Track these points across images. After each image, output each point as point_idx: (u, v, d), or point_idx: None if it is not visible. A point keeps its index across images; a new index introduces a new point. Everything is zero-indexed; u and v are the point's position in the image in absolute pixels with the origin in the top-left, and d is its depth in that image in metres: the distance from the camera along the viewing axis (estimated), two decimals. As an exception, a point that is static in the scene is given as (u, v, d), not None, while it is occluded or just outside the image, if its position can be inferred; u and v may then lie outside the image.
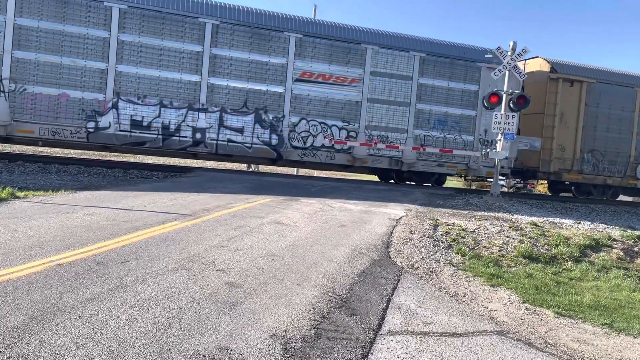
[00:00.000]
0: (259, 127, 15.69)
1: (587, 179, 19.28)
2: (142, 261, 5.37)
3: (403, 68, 16.89)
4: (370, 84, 16.59)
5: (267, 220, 8.31)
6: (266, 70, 15.65)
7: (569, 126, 18.75)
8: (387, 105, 16.85)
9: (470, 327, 4.86)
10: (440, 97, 17.31)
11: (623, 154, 19.52)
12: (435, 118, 17.32)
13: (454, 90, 17.38)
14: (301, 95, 16.00)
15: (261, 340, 3.78)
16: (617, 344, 5.10)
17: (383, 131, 16.82)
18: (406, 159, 17.05)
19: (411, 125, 17.03)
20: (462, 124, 17.54)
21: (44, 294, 4.20)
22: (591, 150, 19.19)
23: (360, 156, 16.63)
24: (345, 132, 16.47)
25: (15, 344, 3.31)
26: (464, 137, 17.54)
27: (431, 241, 8.20)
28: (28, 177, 11.42)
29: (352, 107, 16.53)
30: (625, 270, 8.34)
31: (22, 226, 6.47)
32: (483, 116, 17.48)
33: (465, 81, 17.46)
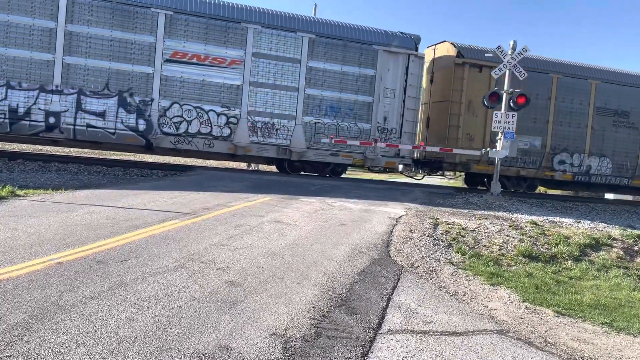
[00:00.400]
0: (124, 111, 14.49)
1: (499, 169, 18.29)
2: (142, 260, 5.37)
3: (290, 50, 15.74)
4: (252, 66, 15.47)
5: (267, 219, 8.31)
6: (131, 49, 14.45)
7: (477, 115, 17.70)
8: (273, 90, 15.77)
9: (470, 326, 4.87)
10: (332, 82, 16.24)
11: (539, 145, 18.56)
12: (327, 104, 16.30)
13: (348, 74, 16.35)
14: (173, 77, 14.85)
15: (261, 339, 3.79)
16: (616, 343, 5.10)
17: (268, 117, 15.77)
18: (295, 148, 15.94)
19: (300, 111, 15.97)
20: (358, 111, 16.56)
21: (44, 292, 4.20)
22: None
23: (242, 144, 15.52)
24: (224, 117, 15.40)
25: (15, 342, 3.31)
26: (360, 124, 16.56)
27: (431, 240, 8.20)
28: (28, 176, 11.41)
29: (232, 91, 15.40)
30: (625, 270, 8.34)
31: (22, 225, 6.47)
32: (381, 103, 16.63)
33: (361, 65, 16.42)
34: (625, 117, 19.20)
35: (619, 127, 19.17)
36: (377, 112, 16.69)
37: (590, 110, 18.83)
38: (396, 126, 16.92)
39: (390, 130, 16.80)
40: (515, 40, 14.55)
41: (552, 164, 18.56)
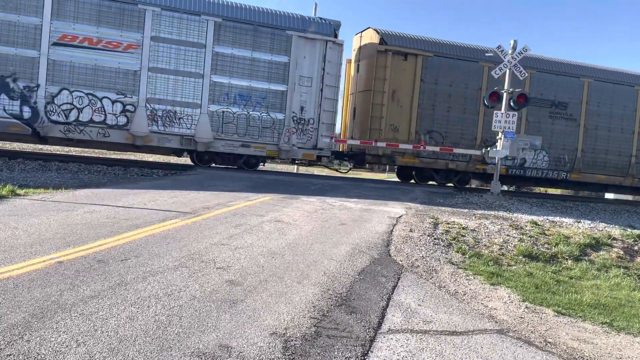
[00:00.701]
0: (7, 97, 13.61)
1: (425, 162, 17.51)
2: (142, 259, 5.38)
3: (194, 34, 14.90)
4: (152, 51, 14.58)
5: (267, 219, 8.31)
6: (14, 30, 13.57)
7: (402, 105, 17.00)
8: (175, 77, 14.88)
9: (470, 326, 4.87)
10: (242, 68, 15.40)
11: (468, 136, 17.85)
12: (236, 92, 15.45)
13: (259, 61, 15.50)
14: (62, 62, 13.98)
15: (261, 338, 3.79)
16: (616, 342, 5.10)
17: (170, 105, 14.89)
18: (201, 138, 15.12)
19: (206, 99, 15.11)
20: (270, 100, 15.74)
21: (44, 291, 4.20)
22: (429, 132, 17.40)
23: (141, 133, 14.61)
24: (120, 105, 14.51)
25: (15, 341, 3.31)
26: (273, 114, 15.77)
27: (431, 240, 8.20)
28: (28, 175, 11.42)
29: (128, 77, 14.49)
30: (625, 269, 8.34)
31: (23, 224, 6.47)
32: (297, 92, 15.84)
33: (273, 52, 15.57)
34: (563, 108, 18.56)
35: (556, 118, 18.48)
36: (292, 102, 15.88)
37: None
38: (314, 116, 16.14)
39: (308, 120, 16.02)
40: (516, 39, 14.53)
41: (484, 156, 17.50)
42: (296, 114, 15.97)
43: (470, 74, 17.64)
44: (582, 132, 18.80)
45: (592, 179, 19.14)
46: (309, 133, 16.13)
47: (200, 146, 15.34)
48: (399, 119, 17.11)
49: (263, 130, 15.89)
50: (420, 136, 17.28)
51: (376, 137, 16.80)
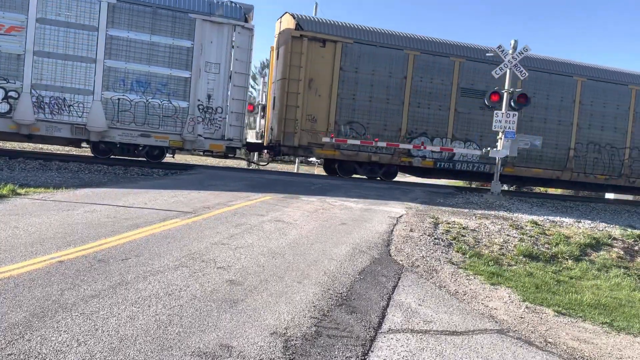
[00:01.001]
0: None
1: (346, 155, 16.66)
2: (143, 258, 5.38)
3: (85, 16, 13.86)
4: (38, 33, 13.54)
5: (267, 218, 8.32)
6: None
7: (321, 94, 16.14)
8: (64, 61, 13.84)
9: (470, 326, 4.87)
10: (140, 53, 14.41)
11: (392, 127, 16.96)
12: (133, 78, 14.44)
13: (158, 45, 14.50)
14: None
15: (262, 337, 3.79)
16: (617, 342, 5.10)
17: (58, 92, 13.83)
18: (94, 127, 14.07)
19: (99, 86, 14.06)
20: (172, 87, 14.72)
21: (45, 291, 4.21)
22: (350, 122, 16.57)
23: (26, 122, 13.57)
24: (2, 91, 13.48)
25: (16, 340, 3.31)
26: (176, 102, 14.74)
27: (431, 239, 8.20)
28: (29, 174, 11.42)
29: (11, 61, 13.45)
30: (625, 269, 8.35)
31: (23, 223, 6.48)
32: (203, 79, 14.89)
33: (175, 36, 14.59)
34: None
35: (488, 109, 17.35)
36: (197, 89, 14.89)
37: (454, 91, 17.37)
38: (222, 105, 15.26)
39: (216, 109, 15.14)
40: (516, 39, 14.52)
41: (410, 149, 17.28)
42: (202, 102, 15.05)
43: (394, 62, 16.79)
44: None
45: (528, 173, 18.47)
46: (217, 123, 15.24)
47: (94, 135, 14.33)
48: (317, 109, 16.25)
49: (164, 119, 14.83)
50: (339, 127, 16.40)
51: (292, 127, 15.98)
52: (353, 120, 16.71)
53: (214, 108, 15.20)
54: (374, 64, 16.75)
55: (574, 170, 18.72)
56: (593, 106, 18.93)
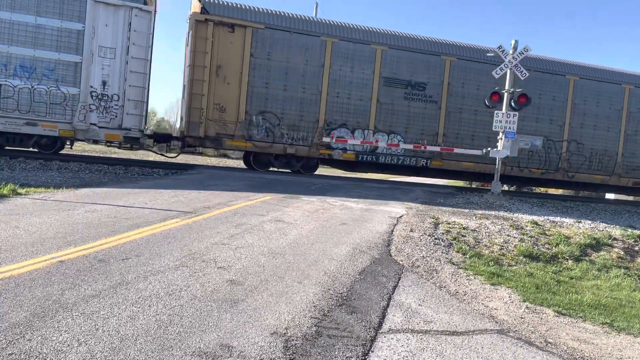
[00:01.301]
0: None
1: (259, 147, 15.91)
2: (143, 258, 5.38)
3: None
4: None
5: (268, 218, 8.32)
6: None
7: (230, 82, 15.40)
8: None
9: (470, 326, 4.87)
10: (23, 36, 13.58)
11: (309, 118, 16.22)
12: (17, 63, 13.60)
13: (45, 27, 13.62)
14: None
15: (262, 337, 3.79)
16: (617, 343, 5.11)
17: None
18: None
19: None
20: (61, 72, 13.85)
21: (45, 290, 4.21)
22: (262, 112, 15.83)
23: None
24: None
25: (17, 340, 3.32)
26: (65, 88, 13.82)
27: (432, 240, 8.21)
28: (29, 174, 11.43)
29: None
30: (625, 270, 8.35)
31: (24, 223, 6.48)
32: (97, 64, 14.04)
33: (64, 17, 13.70)
34: (421, 89, 17.11)
35: (413, 100, 17.04)
36: (89, 75, 14.02)
37: (376, 81, 16.60)
38: (119, 92, 14.44)
39: (112, 97, 14.26)
40: (517, 40, 14.52)
41: (325, 139, 16.37)
42: (96, 89, 14.16)
43: (310, 49, 16.02)
44: (444, 115, 17.38)
45: (457, 167, 17.74)
46: (113, 111, 14.35)
47: None
48: (226, 98, 15.49)
49: (53, 107, 13.93)
50: (251, 117, 15.68)
51: (197, 117, 15.22)
52: (266, 110, 15.91)
53: (109, 95, 14.32)
54: (288, 51, 15.94)
55: (507, 164, 17.82)
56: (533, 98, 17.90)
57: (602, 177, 19.15)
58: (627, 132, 19.34)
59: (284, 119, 16.10)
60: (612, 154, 19.28)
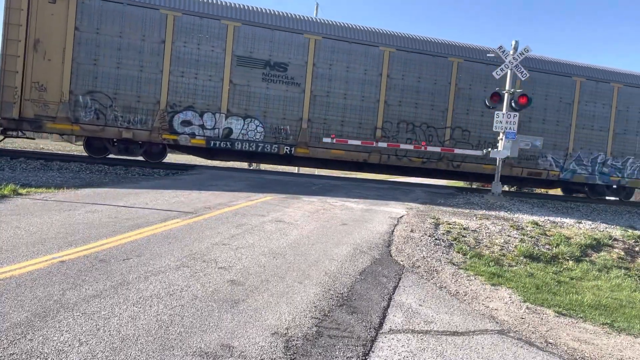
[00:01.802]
0: None
1: (88, 130, 14.46)
2: (144, 259, 5.39)
3: None
4: None
5: (268, 219, 8.32)
6: None
7: (51, 58, 13.95)
8: None
9: (471, 326, 4.87)
10: None
11: (148, 99, 14.77)
12: None
13: None
14: None
15: (263, 337, 3.80)
16: (617, 343, 5.11)
17: None
18: None
19: None
20: None
21: (46, 290, 4.22)
22: (91, 92, 14.38)
23: None
24: None
25: (18, 340, 3.32)
26: None
27: (432, 240, 8.21)
28: (30, 174, 11.44)
29: None
30: (626, 270, 8.35)
31: (25, 223, 6.49)
32: None
33: None
34: (282, 70, 15.75)
35: (273, 82, 15.68)
36: None
37: (227, 60, 15.21)
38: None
39: None
40: (517, 40, 14.52)
41: (173, 125, 15.05)
42: None
43: (148, 24, 14.68)
44: (308, 99, 15.96)
45: (326, 155, 16.40)
46: None
47: None
48: (46, 76, 14.03)
49: None
50: (77, 97, 14.25)
51: (12, 96, 13.79)
52: (95, 90, 14.41)
53: None
54: (121, 25, 14.48)
55: (382, 152, 16.64)
56: (405, 80, 16.80)
57: (492, 167, 17.00)
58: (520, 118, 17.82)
59: (118, 99, 14.58)
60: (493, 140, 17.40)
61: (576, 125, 18.53)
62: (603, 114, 18.82)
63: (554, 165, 18.51)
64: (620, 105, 18.82)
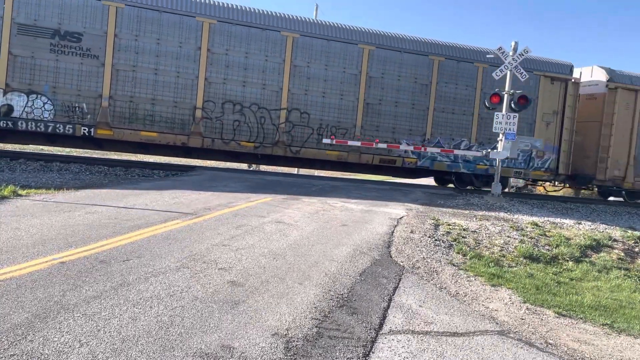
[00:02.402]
0: None
1: None
2: (144, 259, 5.39)
3: None
4: None
5: (268, 220, 8.33)
6: None
7: None
8: None
9: (471, 327, 4.88)
10: None
11: None
12: None
13: None
14: None
15: (263, 338, 3.80)
16: (617, 344, 5.11)
17: None
18: None
19: None
20: None
21: (47, 291, 4.22)
22: None
23: None
24: None
25: (19, 341, 3.32)
26: None
27: (432, 241, 8.21)
28: (30, 175, 11.44)
29: None
30: (625, 271, 8.35)
31: (25, 224, 6.49)
32: None
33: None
34: (75, 40, 13.81)
35: (64, 54, 13.73)
36: None
37: (6, 28, 13.31)
38: None
39: None
40: (517, 41, 14.54)
41: None
42: None
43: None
44: (110, 73, 14.06)
45: (135, 137, 14.58)
46: None
47: None
48: None
49: None
50: None
51: None
52: None
53: None
54: None
55: (204, 135, 14.98)
56: (230, 56, 14.96)
57: (339, 154, 15.92)
58: (367, 100, 16.18)
59: None
60: (348, 126, 16.03)
61: (434, 108, 16.74)
62: (466, 97, 16.95)
63: (409, 152, 16.70)
64: (486, 87, 16.76)
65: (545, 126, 17.86)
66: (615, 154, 18.54)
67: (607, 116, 18.40)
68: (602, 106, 18.58)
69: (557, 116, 17.89)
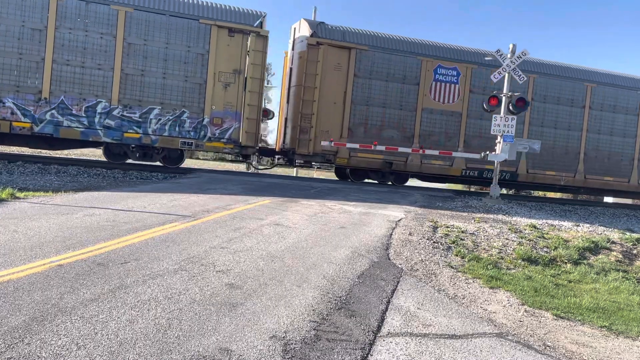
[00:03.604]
0: None
1: None
2: (142, 262, 5.38)
3: None
4: None
5: (266, 222, 8.32)
6: None
7: None
8: None
9: (469, 329, 4.88)
10: None
11: None
12: None
13: None
14: None
15: (261, 341, 3.80)
16: (615, 346, 5.11)
17: None
18: None
19: None
20: None
21: (44, 294, 4.21)
22: None
23: None
24: None
25: (16, 344, 3.32)
26: None
27: (430, 243, 8.21)
28: (28, 178, 11.42)
29: None
30: (624, 273, 8.36)
31: (22, 227, 6.48)
32: None
33: None
34: None
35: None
36: None
37: None
38: None
39: None
40: (515, 44, 14.58)
41: None
42: None
43: None
44: None
45: None
46: None
47: None
48: None
49: None
50: None
51: None
52: None
53: None
54: None
55: None
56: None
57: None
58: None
59: None
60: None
61: (54, 59, 13.81)
62: (101, 47, 14.16)
63: (19, 115, 13.72)
64: (133, 38, 14.32)
65: (222, 88, 15.09)
66: (323, 124, 16.02)
67: (309, 78, 15.68)
68: (304, 66, 15.88)
69: (241, 76, 15.29)
